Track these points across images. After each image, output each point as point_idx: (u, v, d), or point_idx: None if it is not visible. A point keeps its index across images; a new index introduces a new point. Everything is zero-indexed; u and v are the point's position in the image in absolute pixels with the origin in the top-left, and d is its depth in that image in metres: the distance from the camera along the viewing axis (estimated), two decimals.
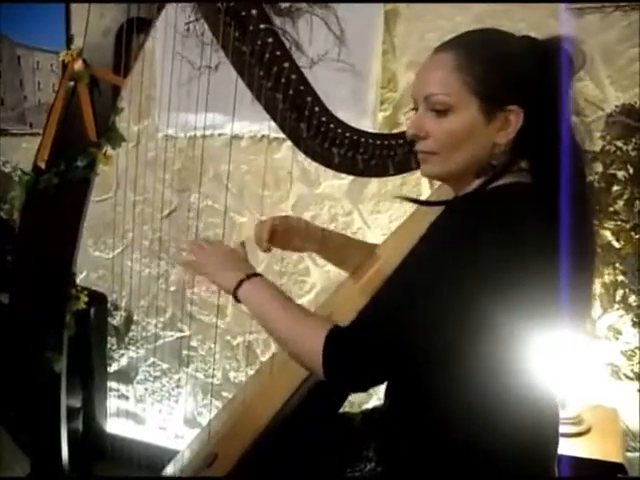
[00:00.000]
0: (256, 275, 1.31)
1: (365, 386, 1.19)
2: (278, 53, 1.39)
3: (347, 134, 1.53)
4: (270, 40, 1.37)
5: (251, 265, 1.37)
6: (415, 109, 1.23)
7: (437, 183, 2.29)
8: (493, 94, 1.14)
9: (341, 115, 1.56)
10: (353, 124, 1.57)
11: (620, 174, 2.04)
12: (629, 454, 2.22)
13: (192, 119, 2.59)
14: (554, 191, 1.13)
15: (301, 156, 1.62)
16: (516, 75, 1.15)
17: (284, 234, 1.65)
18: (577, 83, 1.21)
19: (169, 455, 1.81)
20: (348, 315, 1.28)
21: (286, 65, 1.41)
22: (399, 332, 1.09)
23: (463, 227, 1.09)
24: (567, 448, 1.91)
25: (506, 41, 1.19)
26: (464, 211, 1.15)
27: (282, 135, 1.57)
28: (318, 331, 1.14)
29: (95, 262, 3.15)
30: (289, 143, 2.55)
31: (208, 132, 2.66)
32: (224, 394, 2.93)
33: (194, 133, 2.69)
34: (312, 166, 2.54)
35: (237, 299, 1.30)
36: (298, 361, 1.23)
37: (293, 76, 1.42)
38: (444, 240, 1.10)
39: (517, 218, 1.10)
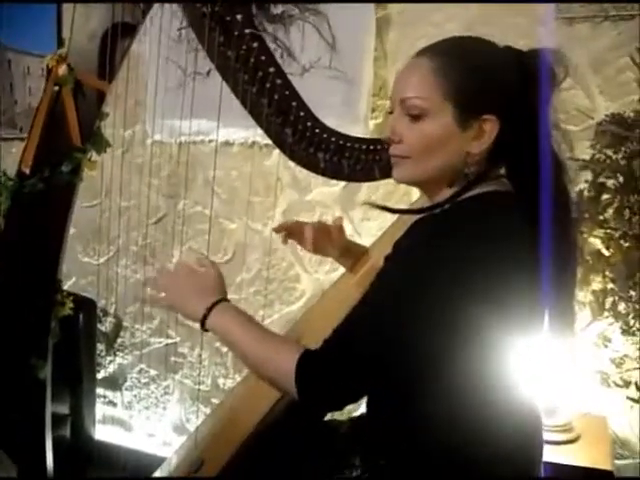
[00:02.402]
0: (218, 302, 1.29)
1: (340, 405, 1.19)
2: (263, 58, 1.39)
3: (332, 139, 1.53)
4: (255, 45, 1.37)
5: (216, 286, 1.34)
6: (392, 112, 1.23)
7: None
8: (469, 102, 1.14)
9: (332, 122, 1.56)
10: (344, 131, 1.58)
11: (610, 183, 2.04)
12: (618, 462, 2.22)
13: (182, 125, 2.59)
14: (531, 199, 1.13)
15: (292, 163, 1.62)
16: (493, 85, 1.14)
17: (318, 236, 1.69)
18: (567, 92, 1.21)
19: (157, 462, 1.81)
20: (327, 329, 1.28)
21: (271, 70, 1.41)
22: (371, 349, 1.09)
23: (433, 239, 1.09)
24: (557, 456, 1.91)
25: (485, 50, 1.19)
26: (434, 222, 1.14)
27: None
28: (288, 355, 1.15)
29: (84, 268, 3.13)
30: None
31: (198, 138, 2.66)
32: (213, 401, 2.92)
33: (184, 139, 2.69)
34: (302, 173, 2.53)
35: (206, 330, 1.29)
36: (272, 385, 1.23)
37: (278, 81, 1.42)
38: (414, 253, 1.10)
39: (490, 228, 1.10)
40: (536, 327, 1.19)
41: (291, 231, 1.70)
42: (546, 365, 1.93)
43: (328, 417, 1.54)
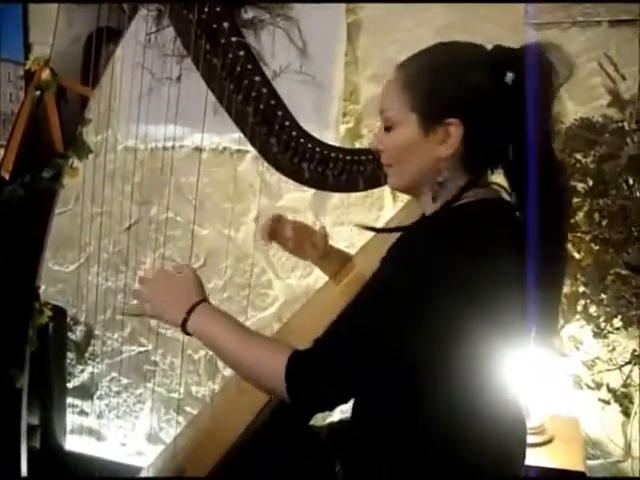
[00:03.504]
0: (198, 304, 1.28)
1: (330, 406, 1.19)
2: (249, 66, 1.39)
3: (317, 149, 1.54)
4: (241, 53, 1.36)
5: (194, 289, 1.32)
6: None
7: (402, 197, 2.32)
8: (431, 108, 1.16)
9: (303, 127, 1.56)
10: (316, 136, 1.58)
11: (580, 186, 2.06)
12: (590, 462, 2.25)
13: (153, 131, 2.57)
14: (524, 205, 1.14)
15: (263, 168, 1.62)
16: (455, 89, 1.15)
17: (298, 235, 1.69)
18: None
19: (130, 472, 1.78)
20: (312, 335, 1.28)
21: (257, 79, 1.40)
22: (361, 352, 1.09)
23: (424, 247, 1.10)
24: (530, 458, 1.92)
25: (451, 55, 1.20)
26: (425, 232, 1.16)
27: (244, 147, 1.57)
28: (278, 355, 1.14)
29: (54, 276, 3.09)
30: (251, 155, 2.58)
31: (170, 144, 2.63)
32: (187, 409, 2.91)
33: (155, 145, 2.67)
34: (274, 178, 2.54)
35: (188, 334, 1.27)
36: (258, 386, 1.23)
37: (264, 90, 1.42)
38: (405, 260, 1.10)
39: (476, 235, 1.11)
40: (524, 334, 1.20)
41: (274, 230, 1.70)
42: (519, 368, 1.94)
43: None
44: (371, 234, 1.79)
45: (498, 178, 1.25)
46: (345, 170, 1.57)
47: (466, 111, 1.14)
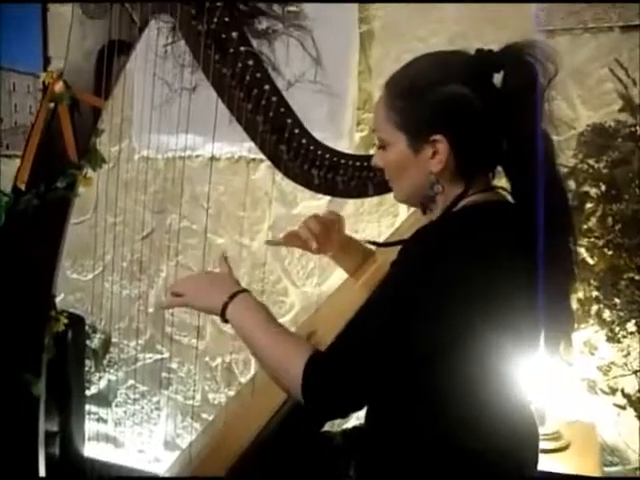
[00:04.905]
0: (241, 292, 1.29)
1: (344, 413, 1.21)
2: (258, 75, 1.40)
3: (327, 156, 1.54)
4: (250, 62, 1.38)
5: (234, 281, 1.35)
6: None
7: None
8: (414, 127, 1.18)
9: (318, 136, 1.57)
10: (330, 145, 1.59)
11: (592, 192, 2.06)
12: (607, 469, 2.24)
13: (169, 140, 2.60)
14: (526, 208, 1.15)
15: (279, 177, 1.62)
16: (433, 105, 1.16)
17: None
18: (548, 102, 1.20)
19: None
20: (331, 333, 1.29)
21: (266, 87, 1.42)
22: (377, 359, 1.10)
23: (430, 251, 1.12)
24: (546, 464, 1.92)
25: (426, 69, 1.21)
26: (426, 237, 1.18)
27: (259, 156, 1.58)
28: (299, 357, 1.15)
29: (72, 284, 3.13)
30: (266, 164, 2.60)
31: (185, 153, 2.66)
32: (203, 416, 2.92)
33: (171, 154, 2.69)
34: (289, 187, 2.55)
35: (226, 321, 1.28)
36: (278, 384, 1.24)
37: (273, 98, 1.43)
38: (412, 266, 1.12)
39: (482, 238, 1.12)
40: (535, 337, 1.21)
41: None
42: (534, 374, 1.94)
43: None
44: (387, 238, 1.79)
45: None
46: (355, 176, 1.58)
47: (449, 126, 1.16)
